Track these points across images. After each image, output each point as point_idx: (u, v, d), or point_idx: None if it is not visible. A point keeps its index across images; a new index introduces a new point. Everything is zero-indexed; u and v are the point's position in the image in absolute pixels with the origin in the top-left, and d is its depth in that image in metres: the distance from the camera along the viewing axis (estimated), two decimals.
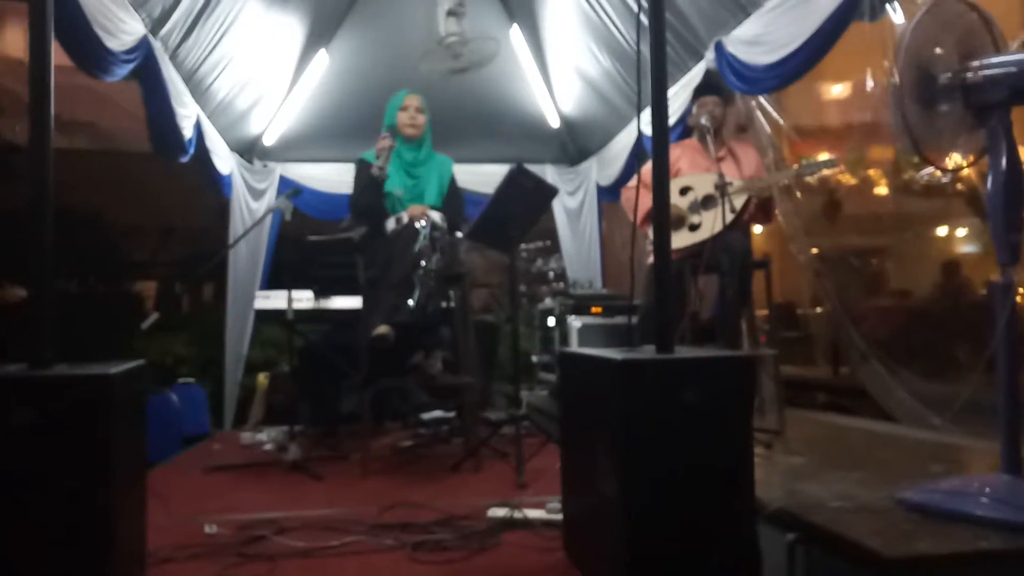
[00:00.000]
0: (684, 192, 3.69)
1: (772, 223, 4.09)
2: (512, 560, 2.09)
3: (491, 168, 5.91)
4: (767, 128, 4.57)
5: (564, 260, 6.23)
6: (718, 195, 3.33)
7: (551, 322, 5.33)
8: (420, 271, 3.28)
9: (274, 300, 4.48)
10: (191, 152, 4.43)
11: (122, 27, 3.36)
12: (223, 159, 5.44)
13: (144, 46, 3.59)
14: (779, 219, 4.35)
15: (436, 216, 3.71)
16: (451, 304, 3.56)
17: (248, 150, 6.06)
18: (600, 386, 1.82)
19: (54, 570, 1.62)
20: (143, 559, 1.95)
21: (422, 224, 3.45)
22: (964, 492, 1.90)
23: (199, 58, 4.46)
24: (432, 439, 4.09)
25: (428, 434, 4.17)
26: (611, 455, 1.70)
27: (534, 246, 5.12)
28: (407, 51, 5.00)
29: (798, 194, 4.65)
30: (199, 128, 4.61)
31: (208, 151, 4.94)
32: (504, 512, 2.40)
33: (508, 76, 5.88)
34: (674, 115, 4.34)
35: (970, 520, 1.78)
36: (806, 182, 4.59)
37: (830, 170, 3.84)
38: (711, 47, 4.13)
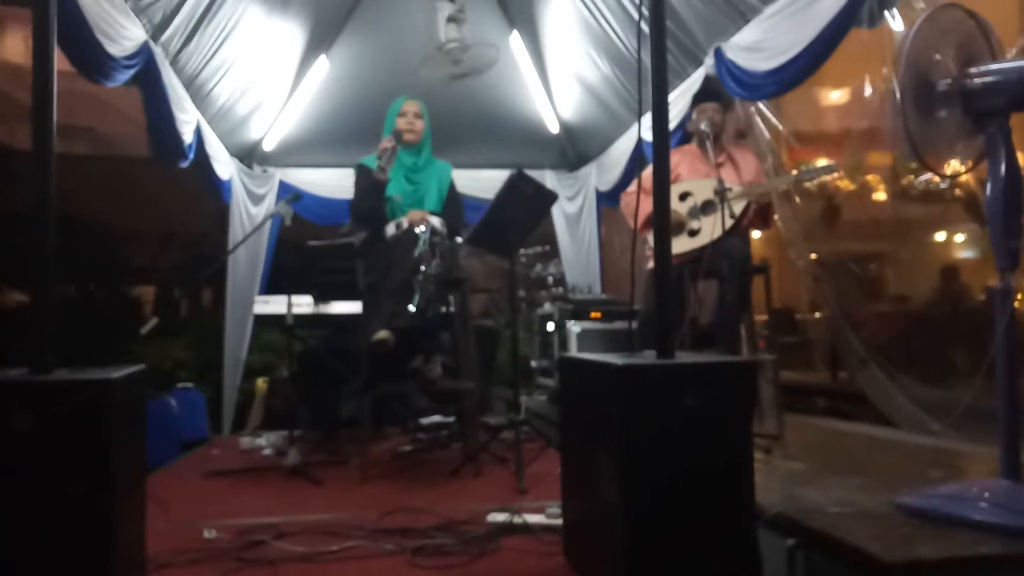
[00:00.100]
0: (683, 198, 3.70)
1: (771, 228, 4.10)
2: (512, 565, 2.09)
3: (491, 173, 5.94)
4: (766, 134, 4.59)
5: (563, 265, 6.24)
6: (717, 200, 3.34)
7: (550, 327, 5.33)
8: (420, 276, 3.28)
9: (273, 305, 4.49)
10: (191, 157, 4.44)
11: (123, 33, 3.36)
12: (223, 164, 5.45)
13: (145, 52, 3.60)
14: (778, 224, 4.35)
15: (436, 221, 3.72)
16: (451, 309, 3.56)
17: (248, 155, 6.07)
18: (600, 391, 1.82)
19: (55, 574, 1.62)
20: (143, 564, 1.96)
21: (422, 229, 3.45)
22: (963, 497, 1.90)
23: (199, 64, 4.46)
24: (431, 444, 4.08)
25: (427, 439, 4.16)
26: (611, 460, 1.71)
27: (533, 251, 5.13)
28: (407, 57, 5.01)
29: (797, 199, 4.67)
30: (199, 133, 4.62)
31: (208, 156, 4.94)
32: (504, 517, 2.40)
33: (508, 82, 5.89)
34: (673, 121, 4.34)
35: (969, 525, 1.78)
36: (805, 188, 4.61)
37: (829, 176, 3.85)
38: (710, 53, 4.13)
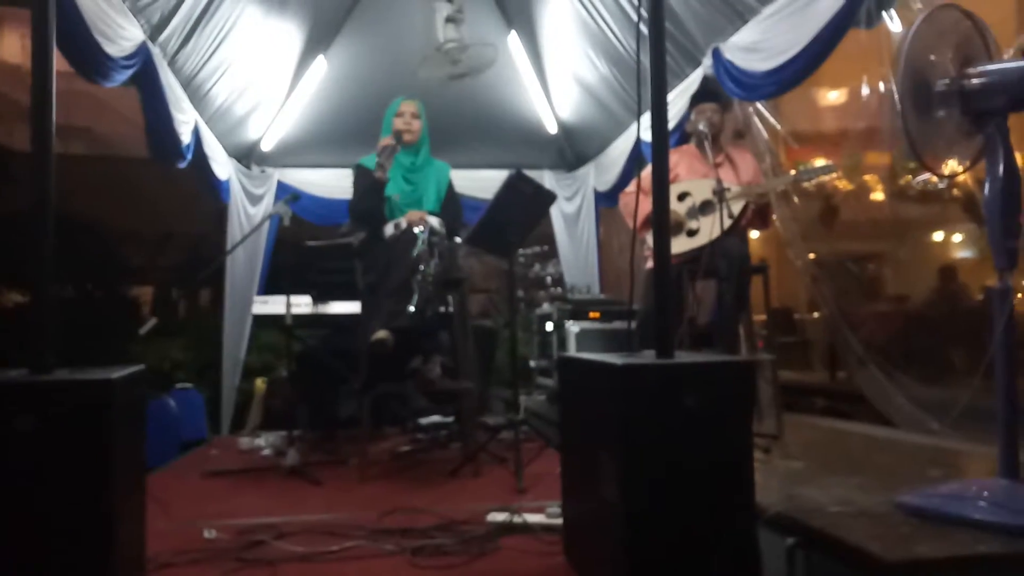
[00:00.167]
0: (682, 198, 3.70)
1: (769, 228, 4.10)
2: (512, 564, 2.10)
3: (489, 174, 5.94)
4: (764, 134, 4.59)
5: (562, 265, 6.26)
6: (716, 201, 3.34)
7: (549, 327, 5.33)
8: (419, 276, 3.28)
9: (272, 305, 4.50)
10: (189, 158, 4.44)
11: (121, 33, 3.36)
12: (221, 165, 5.44)
13: (143, 52, 3.60)
14: (776, 224, 4.35)
15: (434, 221, 3.72)
16: (449, 309, 3.56)
17: (246, 156, 6.06)
18: (600, 391, 1.82)
19: (55, 574, 1.62)
20: (143, 564, 1.96)
21: (420, 229, 3.45)
22: (962, 496, 1.90)
23: (197, 64, 4.46)
24: (430, 444, 4.08)
25: (426, 439, 4.17)
26: (611, 459, 1.71)
27: (532, 251, 5.14)
28: (405, 57, 5.01)
29: (795, 199, 4.67)
30: (197, 134, 4.62)
31: (206, 157, 4.94)
32: (503, 517, 2.41)
33: (506, 82, 5.89)
34: (671, 121, 4.34)
35: (968, 524, 1.78)
36: (803, 188, 4.61)
37: (827, 176, 3.86)
38: (708, 54, 4.14)
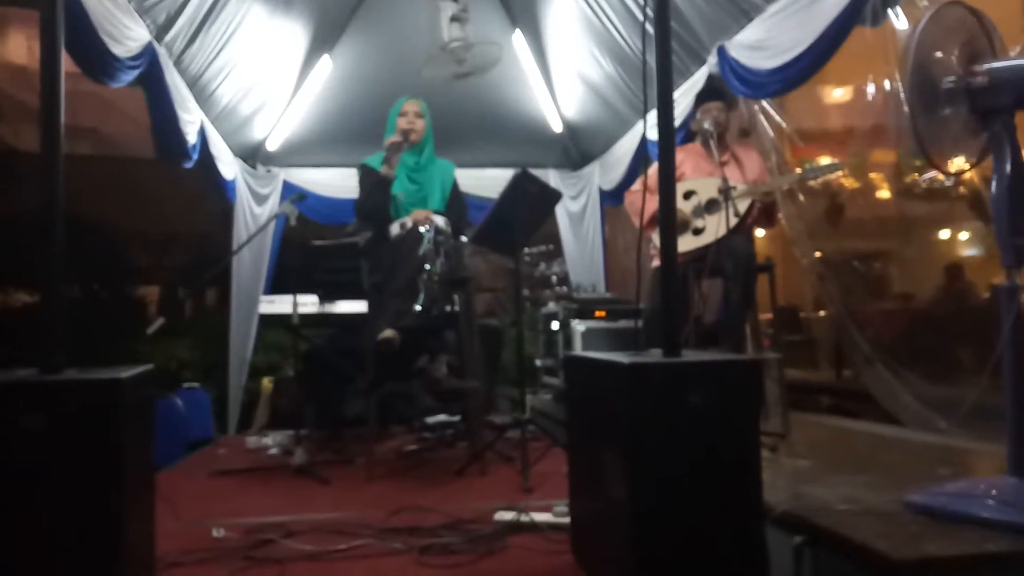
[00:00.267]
0: (688, 196, 3.70)
1: (775, 227, 4.09)
2: (519, 563, 2.10)
3: (494, 172, 5.95)
4: (770, 132, 4.58)
5: (567, 264, 6.26)
6: (722, 199, 3.34)
7: (555, 326, 5.33)
8: (425, 275, 3.29)
9: (279, 304, 4.50)
10: (195, 158, 4.45)
11: (127, 33, 3.37)
12: (227, 164, 5.45)
13: (149, 52, 3.61)
14: (782, 223, 4.35)
15: (440, 220, 3.72)
16: (455, 308, 3.57)
17: (252, 155, 6.08)
18: (607, 390, 1.83)
19: (65, 574, 1.62)
20: (153, 563, 1.96)
21: (426, 228, 3.46)
22: (971, 494, 1.90)
23: (203, 64, 4.47)
24: (437, 443, 4.09)
25: (433, 438, 4.17)
26: (619, 458, 1.71)
27: (537, 250, 5.14)
28: (410, 56, 5.02)
29: (801, 198, 4.67)
30: (203, 134, 4.63)
31: (212, 156, 4.95)
32: (511, 516, 2.41)
33: (511, 81, 5.90)
34: (677, 120, 4.32)
35: (977, 522, 1.78)
36: (809, 186, 4.60)
37: (833, 174, 3.85)
38: (713, 52, 4.13)
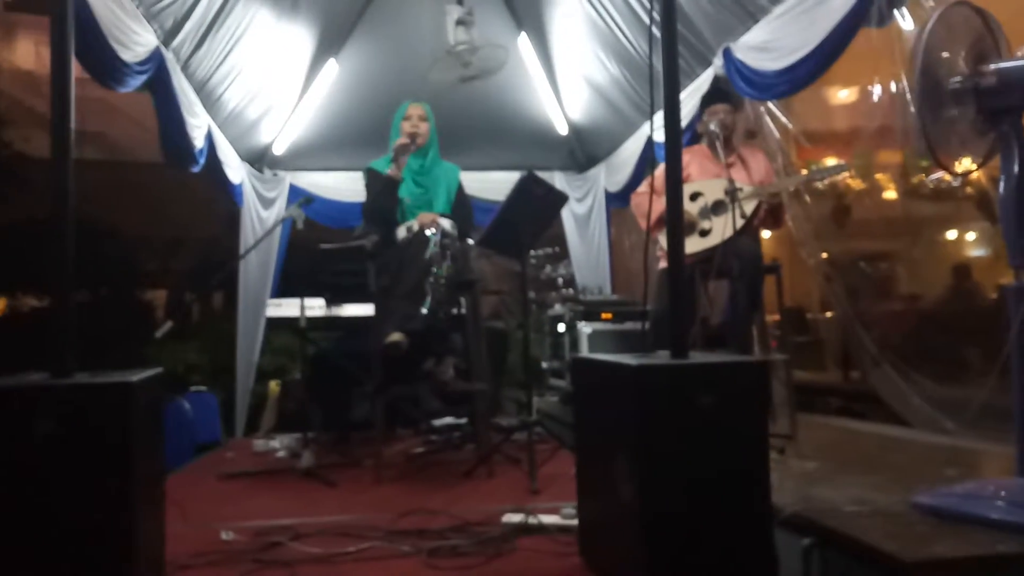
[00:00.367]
0: (694, 198, 3.69)
1: (782, 228, 4.09)
2: (528, 565, 2.10)
3: (499, 175, 5.96)
4: (776, 133, 4.58)
5: (573, 266, 6.27)
6: (728, 201, 3.34)
7: (561, 328, 5.33)
8: (431, 278, 3.29)
9: (285, 308, 4.51)
10: (202, 162, 4.46)
11: (135, 39, 3.39)
12: (234, 169, 5.47)
13: (156, 57, 3.62)
14: (789, 224, 4.34)
15: (446, 223, 3.73)
16: (462, 311, 3.57)
17: (258, 159, 6.10)
18: (615, 391, 1.83)
19: None
20: (163, 565, 1.97)
21: (432, 232, 3.46)
22: (980, 496, 1.90)
23: (210, 68, 4.49)
24: (444, 445, 4.10)
25: (440, 441, 4.18)
26: (628, 460, 1.71)
27: (543, 252, 5.15)
28: (416, 60, 5.03)
29: (808, 199, 4.66)
30: (210, 138, 4.64)
31: (219, 161, 4.97)
32: (519, 518, 2.41)
33: (516, 84, 5.90)
34: (682, 121, 4.33)
35: (986, 524, 1.78)
36: (815, 187, 4.60)
37: (839, 175, 3.84)
38: (719, 53, 4.13)
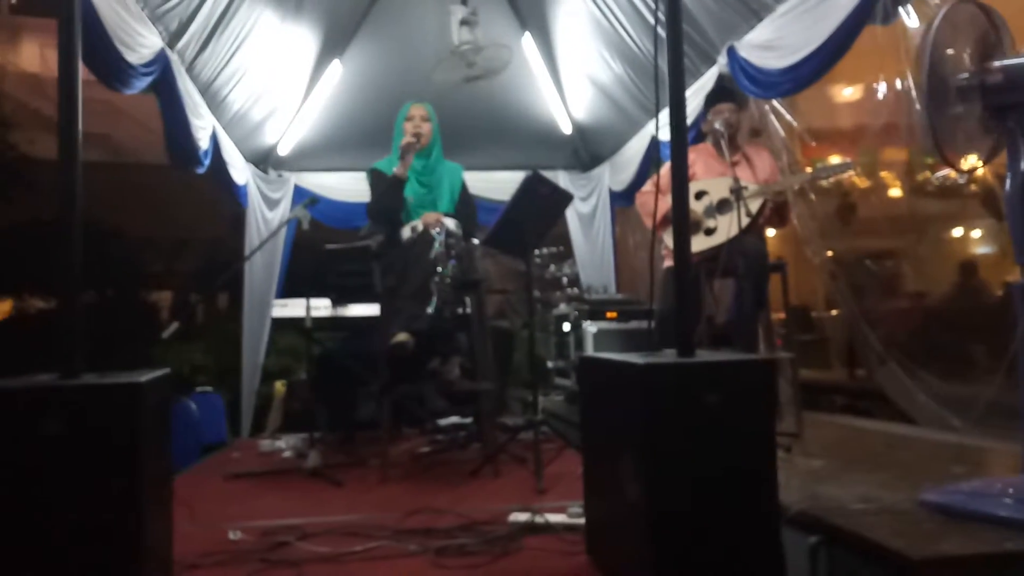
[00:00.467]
0: (699, 196, 3.69)
1: (787, 226, 4.08)
2: (535, 563, 2.11)
3: (504, 175, 5.96)
4: (781, 131, 4.58)
5: (578, 265, 6.26)
6: (733, 199, 3.34)
7: (566, 327, 5.33)
8: (436, 278, 3.30)
9: (291, 308, 4.53)
10: (207, 163, 4.46)
11: (140, 41, 3.39)
12: (239, 170, 5.47)
13: (162, 59, 3.63)
14: (794, 222, 4.34)
15: (451, 223, 3.73)
16: (467, 310, 3.58)
17: (263, 160, 6.10)
18: (622, 390, 1.83)
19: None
20: (171, 565, 1.98)
21: (437, 231, 3.47)
22: (987, 493, 1.90)
23: (215, 70, 4.50)
24: (450, 445, 4.10)
25: (446, 440, 4.18)
26: (635, 458, 1.72)
27: (548, 252, 5.14)
28: (420, 60, 5.03)
29: (813, 197, 4.65)
30: (215, 139, 4.65)
31: (224, 162, 4.97)
32: (525, 517, 2.42)
33: (520, 83, 5.90)
34: (687, 120, 4.33)
35: (994, 521, 1.78)
36: (820, 185, 4.59)
37: (844, 173, 3.84)
38: (723, 52, 4.13)
